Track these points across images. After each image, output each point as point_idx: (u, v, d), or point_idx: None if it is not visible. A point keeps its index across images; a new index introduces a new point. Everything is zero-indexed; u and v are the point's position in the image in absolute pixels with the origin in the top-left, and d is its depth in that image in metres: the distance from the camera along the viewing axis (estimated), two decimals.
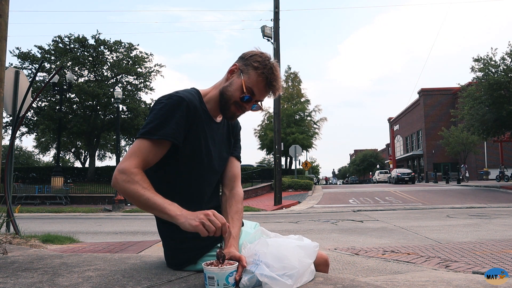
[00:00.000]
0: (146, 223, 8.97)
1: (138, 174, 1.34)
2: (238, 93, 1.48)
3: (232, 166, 1.68)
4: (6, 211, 4.28)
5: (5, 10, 2.72)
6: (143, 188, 1.32)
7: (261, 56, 1.49)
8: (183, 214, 1.27)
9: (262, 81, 1.47)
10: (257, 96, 1.50)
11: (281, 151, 15.30)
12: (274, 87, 1.49)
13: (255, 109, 1.55)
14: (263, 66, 1.47)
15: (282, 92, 1.56)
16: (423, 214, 9.87)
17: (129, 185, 1.32)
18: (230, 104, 1.50)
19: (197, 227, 1.22)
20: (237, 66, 1.52)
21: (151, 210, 1.33)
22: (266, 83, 1.48)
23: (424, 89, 46.19)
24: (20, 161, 48.26)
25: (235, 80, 1.50)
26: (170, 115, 1.40)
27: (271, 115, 33.79)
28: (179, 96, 1.44)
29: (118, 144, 18.13)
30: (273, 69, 1.47)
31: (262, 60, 1.48)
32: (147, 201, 1.31)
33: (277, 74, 1.48)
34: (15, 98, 5.33)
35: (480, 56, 20.35)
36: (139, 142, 1.39)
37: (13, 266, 1.74)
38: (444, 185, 27.40)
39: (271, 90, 1.50)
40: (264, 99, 1.54)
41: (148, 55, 27.67)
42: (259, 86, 1.48)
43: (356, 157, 79.05)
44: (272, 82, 1.48)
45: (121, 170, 1.34)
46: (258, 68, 1.47)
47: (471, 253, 4.11)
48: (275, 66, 1.49)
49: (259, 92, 1.49)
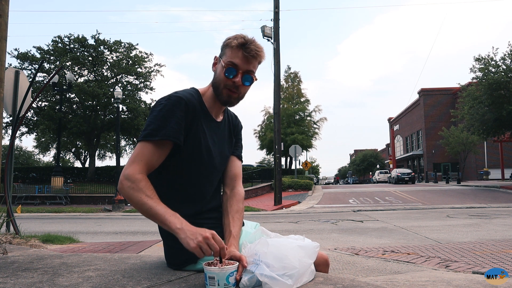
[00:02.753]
0: (146, 223, 8.97)
1: (142, 180, 1.35)
2: (223, 75, 1.48)
3: (233, 165, 1.68)
4: (6, 211, 4.28)
5: (5, 10, 2.72)
6: (147, 196, 1.33)
7: (232, 35, 1.51)
8: (183, 229, 1.28)
9: (238, 50, 1.47)
10: (240, 65, 1.47)
11: (281, 151, 15.29)
12: (251, 49, 1.46)
13: (249, 82, 1.51)
14: (234, 38, 1.49)
15: (264, 55, 1.52)
16: (423, 214, 9.87)
17: (133, 192, 1.34)
18: (221, 89, 1.50)
19: (194, 250, 1.24)
20: (216, 56, 1.56)
21: (153, 219, 1.35)
22: (242, 49, 1.46)
23: (424, 89, 46.19)
24: (20, 161, 48.25)
25: (218, 66, 1.52)
26: (170, 115, 1.40)
27: (271, 115, 33.83)
28: (178, 96, 1.44)
29: (118, 144, 18.12)
30: (244, 36, 1.48)
31: (233, 36, 1.50)
32: (149, 210, 1.33)
33: (251, 38, 1.48)
34: (15, 98, 5.33)
35: (481, 56, 20.36)
36: (141, 145, 1.40)
37: (13, 266, 1.74)
38: (444, 185, 27.40)
39: (251, 53, 1.46)
40: (252, 67, 1.49)
41: (148, 55, 27.68)
42: (237, 55, 1.47)
43: (356, 157, 79.04)
44: (246, 44, 1.46)
45: (126, 176, 1.35)
46: (230, 43, 1.49)
47: (471, 253, 4.11)
48: (247, 36, 1.49)
49: (240, 61, 1.47)
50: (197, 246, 1.23)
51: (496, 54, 20.08)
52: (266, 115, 37.62)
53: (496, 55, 20.06)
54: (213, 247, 1.23)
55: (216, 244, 1.23)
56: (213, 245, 1.23)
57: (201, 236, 1.24)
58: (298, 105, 37.19)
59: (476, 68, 20.28)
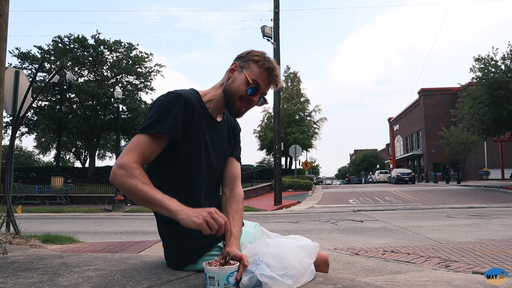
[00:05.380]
0: (146, 223, 8.97)
1: (137, 168, 1.34)
2: (243, 87, 1.51)
3: (232, 166, 1.69)
4: (6, 211, 4.28)
5: (5, 10, 2.72)
6: (142, 182, 1.32)
7: (258, 51, 1.57)
8: (183, 210, 1.27)
9: (264, 72, 1.53)
10: (262, 87, 1.54)
11: (281, 151, 15.29)
12: (277, 77, 1.55)
13: (261, 102, 1.58)
14: (263, 58, 1.54)
15: (282, 85, 1.63)
16: (423, 214, 9.87)
17: (128, 179, 1.32)
18: (235, 99, 1.53)
19: (201, 225, 1.22)
20: (237, 64, 1.57)
21: (150, 205, 1.33)
22: (269, 74, 1.53)
23: (424, 89, 46.18)
24: (20, 161, 48.25)
25: (237, 76, 1.54)
26: (168, 111, 1.41)
27: (271, 115, 33.82)
28: (177, 93, 1.46)
29: (118, 144, 18.12)
30: (272, 61, 1.55)
31: (260, 54, 1.56)
32: (146, 195, 1.31)
33: (276, 66, 1.55)
34: (15, 98, 5.33)
35: (481, 56, 20.36)
36: (138, 137, 1.40)
37: (13, 266, 1.74)
38: (444, 185, 27.40)
39: (274, 81, 1.55)
40: (267, 91, 1.58)
41: (148, 55, 27.64)
42: (262, 77, 1.53)
43: (356, 157, 79.04)
44: (273, 72, 1.53)
45: (120, 165, 1.34)
46: (259, 61, 1.53)
47: (471, 253, 4.11)
48: (272, 59, 1.57)
49: (263, 83, 1.54)
50: (203, 221, 1.22)
51: (496, 54, 20.11)
52: (266, 115, 37.63)
53: (496, 55, 20.10)
54: (218, 221, 1.23)
55: (220, 218, 1.24)
56: (218, 219, 1.23)
57: (205, 212, 1.25)
58: (298, 105, 37.19)
59: (476, 68, 20.29)
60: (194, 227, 1.23)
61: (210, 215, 1.23)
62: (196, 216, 1.24)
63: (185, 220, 1.25)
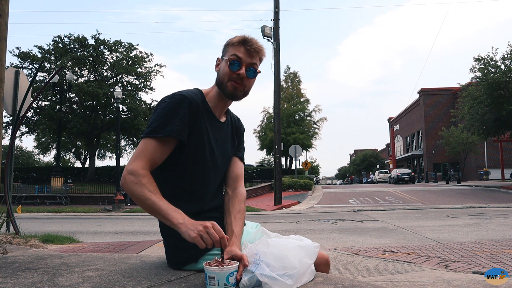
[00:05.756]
0: (146, 223, 8.97)
1: (145, 176, 1.36)
2: (227, 68, 1.52)
3: (236, 166, 1.70)
4: (6, 211, 4.28)
5: (5, 10, 2.72)
6: (149, 191, 1.34)
7: (232, 37, 1.59)
8: (185, 223, 1.28)
9: (239, 45, 1.53)
10: (244, 59, 1.52)
11: (281, 151, 15.29)
12: (251, 41, 1.53)
13: (252, 74, 1.55)
14: (234, 37, 1.57)
15: (265, 56, 1.59)
16: (423, 214, 9.87)
17: (136, 187, 1.35)
18: (226, 82, 1.53)
19: (195, 239, 1.24)
20: (219, 58, 1.61)
21: (155, 214, 1.35)
22: (244, 43, 1.53)
23: (424, 89, 46.18)
24: (20, 161, 48.22)
25: (221, 65, 1.57)
26: (174, 113, 1.42)
27: (271, 115, 33.83)
28: (182, 95, 1.47)
29: (118, 144, 18.09)
30: (244, 34, 1.56)
31: (233, 37, 1.58)
32: (152, 205, 1.33)
33: (250, 36, 1.55)
34: (15, 98, 5.33)
35: (480, 56, 20.36)
36: (145, 141, 1.41)
37: (13, 266, 1.74)
38: (444, 185, 27.40)
39: (251, 46, 1.52)
40: (255, 61, 1.55)
41: (148, 55, 27.65)
42: (239, 50, 1.52)
43: (356, 157, 79.03)
44: (247, 40, 1.53)
45: (130, 171, 1.36)
46: (231, 41, 1.56)
47: (471, 253, 4.12)
48: (246, 34, 1.56)
49: (243, 55, 1.52)
50: (198, 235, 1.23)
51: (495, 54, 20.10)
52: (266, 115, 37.64)
53: (496, 55, 20.09)
54: (213, 236, 1.23)
55: (216, 233, 1.24)
56: (213, 234, 1.23)
57: (201, 226, 1.25)
58: (298, 105, 37.20)
59: (476, 68, 20.29)
60: (190, 240, 1.25)
61: (206, 230, 1.24)
62: (192, 230, 1.25)
63: (184, 234, 1.27)
